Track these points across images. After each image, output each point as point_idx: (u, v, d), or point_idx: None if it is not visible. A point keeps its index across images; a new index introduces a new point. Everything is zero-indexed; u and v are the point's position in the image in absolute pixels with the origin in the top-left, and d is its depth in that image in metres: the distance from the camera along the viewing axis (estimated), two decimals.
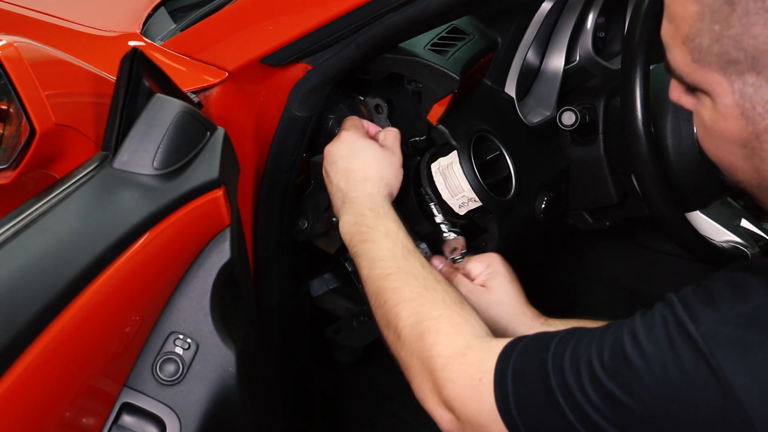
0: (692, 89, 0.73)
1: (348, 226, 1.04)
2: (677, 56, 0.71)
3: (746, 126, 0.69)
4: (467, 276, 1.11)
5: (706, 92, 0.71)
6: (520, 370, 0.78)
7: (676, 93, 0.76)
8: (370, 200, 1.05)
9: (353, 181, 1.08)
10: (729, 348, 0.66)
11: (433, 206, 1.17)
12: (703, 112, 0.72)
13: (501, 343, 0.82)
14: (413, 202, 1.21)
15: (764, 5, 0.63)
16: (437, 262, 1.15)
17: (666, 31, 0.72)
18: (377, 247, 0.99)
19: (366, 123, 1.19)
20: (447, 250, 1.13)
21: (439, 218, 1.15)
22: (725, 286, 0.70)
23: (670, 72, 0.74)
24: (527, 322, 1.05)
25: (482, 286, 1.09)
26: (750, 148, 0.70)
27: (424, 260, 0.98)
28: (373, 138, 1.16)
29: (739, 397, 0.64)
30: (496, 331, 1.05)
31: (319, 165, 1.26)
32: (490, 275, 1.09)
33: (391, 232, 1.00)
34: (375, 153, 1.10)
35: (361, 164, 1.08)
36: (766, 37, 0.64)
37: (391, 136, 1.15)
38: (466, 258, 1.14)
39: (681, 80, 0.73)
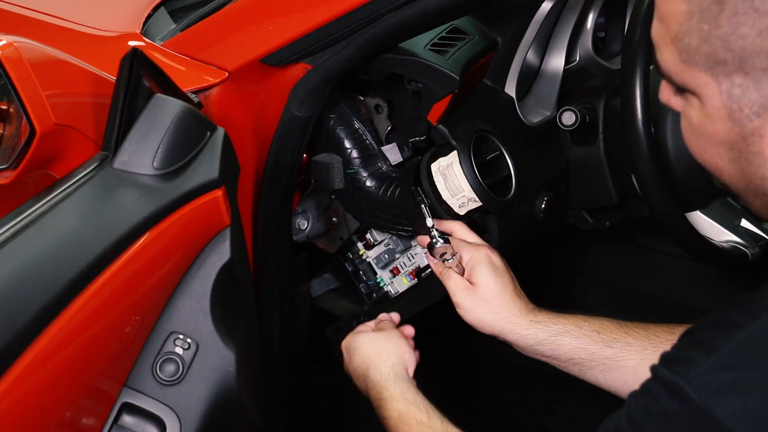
0: (681, 90, 0.72)
1: (379, 417, 1.08)
2: (666, 56, 0.71)
3: (733, 128, 0.68)
4: (458, 258, 1.13)
5: (694, 93, 0.70)
6: None
7: (666, 94, 0.76)
8: (378, 389, 1.07)
9: (362, 376, 1.11)
10: (724, 395, 0.65)
11: (424, 208, 1.16)
12: (691, 113, 0.72)
13: None
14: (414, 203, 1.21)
15: (753, 5, 0.63)
16: (430, 259, 1.16)
17: (656, 30, 0.71)
18: None
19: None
20: (436, 254, 1.13)
21: (429, 222, 1.15)
22: (707, 332, 0.70)
23: (659, 72, 0.73)
24: (513, 319, 1.06)
25: (469, 281, 1.10)
26: (737, 150, 0.69)
27: (439, 425, 0.99)
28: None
29: None
30: (482, 328, 1.07)
31: (319, 164, 1.26)
32: (473, 268, 1.10)
33: (403, 414, 1.01)
34: (368, 340, 1.13)
35: (360, 358, 1.12)
36: (755, 37, 0.63)
37: (385, 323, 1.17)
38: (463, 231, 1.16)
39: (670, 80, 0.72)
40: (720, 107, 0.68)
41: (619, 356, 1.02)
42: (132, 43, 1.19)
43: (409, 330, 1.18)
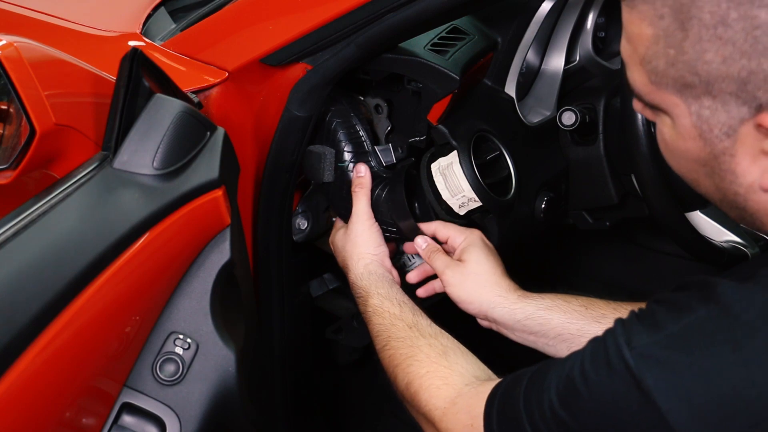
0: (652, 107, 0.73)
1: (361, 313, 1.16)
2: (636, 76, 0.72)
3: (704, 147, 0.70)
4: (448, 244, 1.17)
5: (665, 112, 0.71)
6: (501, 412, 0.82)
7: (639, 105, 0.76)
8: (356, 286, 1.15)
9: (347, 274, 1.19)
10: (657, 370, 0.68)
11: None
12: (664, 130, 0.73)
13: (487, 387, 0.85)
14: (402, 201, 1.21)
15: (716, 32, 0.63)
16: (421, 241, 1.19)
17: (625, 50, 0.72)
18: (372, 326, 1.09)
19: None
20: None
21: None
22: (664, 306, 0.72)
23: (629, 90, 0.74)
24: (502, 293, 1.09)
25: (459, 260, 1.14)
26: (710, 167, 0.71)
27: (410, 317, 1.05)
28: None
29: (668, 419, 0.67)
30: (471, 303, 1.10)
31: (312, 153, 1.25)
32: (466, 247, 1.14)
33: (377, 308, 1.09)
34: (342, 245, 1.21)
35: (341, 259, 1.21)
36: (719, 63, 0.64)
37: (358, 202, 1.21)
38: (449, 225, 1.19)
39: (640, 99, 0.73)
40: (690, 127, 0.69)
41: None
42: (132, 43, 1.19)
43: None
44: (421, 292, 1.21)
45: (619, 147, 1.33)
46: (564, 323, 1.05)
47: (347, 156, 1.25)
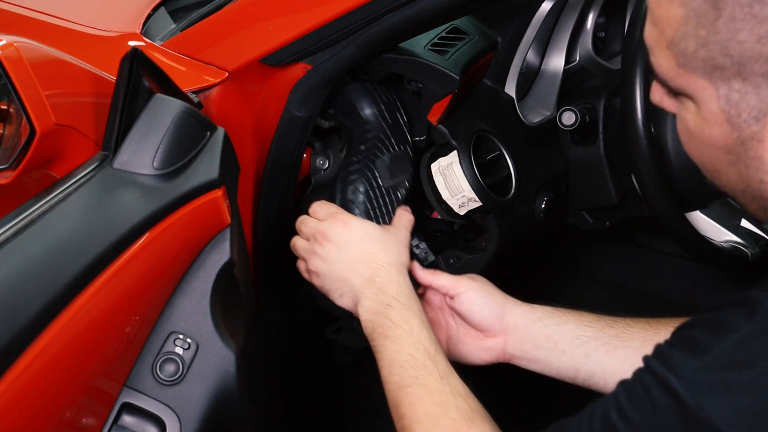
0: (676, 93, 0.71)
1: (370, 314, 0.99)
2: (661, 60, 0.70)
3: (731, 132, 0.67)
4: (443, 287, 1.08)
5: (690, 97, 0.69)
6: None
7: (658, 95, 0.74)
8: (397, 288, 0.99)
9: (376, 265, 1.02)
10: (714, 395, 0.64)
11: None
12: (687, 116, 0.71)
13: None
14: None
15: (751, 11, 0.62)
16: (417, 264, 1.11)
17: (650, 34, 0.70)
18: (398, 349, 0.94)
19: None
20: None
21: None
22: (700, 329, 0.69)
23: (654, 75, 0.72)
24: (516, 300, 1.06)
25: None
26: (735, 154, 0.69)
27: (443, 364, 0.92)
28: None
29: None
30: (492, 306, 1.04)
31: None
32: (468, 277, 1.08)
33: (414, 331, 0.94)
34: (389, 237, 1.06)
35: (380, 248, 1.03)
36: (753, 43, 0.62)
37: (405, 219, 1.13)
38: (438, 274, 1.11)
39: (665, 84, 0.71)
40: (718, 112, 0.67)
41: (623, 335, 1.01)
42: (132, 43, 1.19)
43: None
44: None
45: (619, 147, 1.34)
46: (579, 325, 1.02)
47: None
